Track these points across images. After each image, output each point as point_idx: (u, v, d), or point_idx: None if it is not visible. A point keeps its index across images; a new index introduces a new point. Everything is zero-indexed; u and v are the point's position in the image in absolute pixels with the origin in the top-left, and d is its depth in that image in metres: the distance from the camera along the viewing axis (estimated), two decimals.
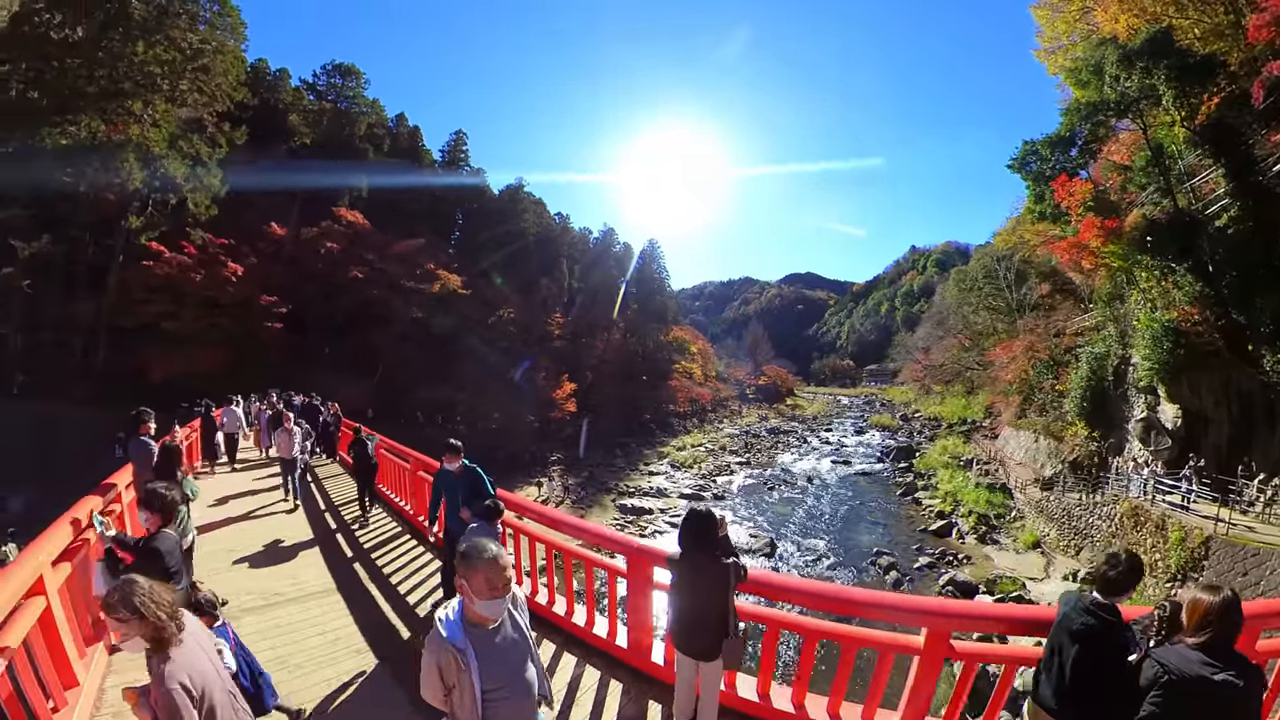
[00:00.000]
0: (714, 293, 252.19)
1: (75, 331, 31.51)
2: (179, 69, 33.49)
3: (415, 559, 7.90)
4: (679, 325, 77.86)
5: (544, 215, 59.37)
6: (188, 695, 2.27)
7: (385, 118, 53.64)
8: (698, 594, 3.53)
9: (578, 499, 34.73)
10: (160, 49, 32.38)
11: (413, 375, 39.85)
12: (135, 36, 31.65)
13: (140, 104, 32.34)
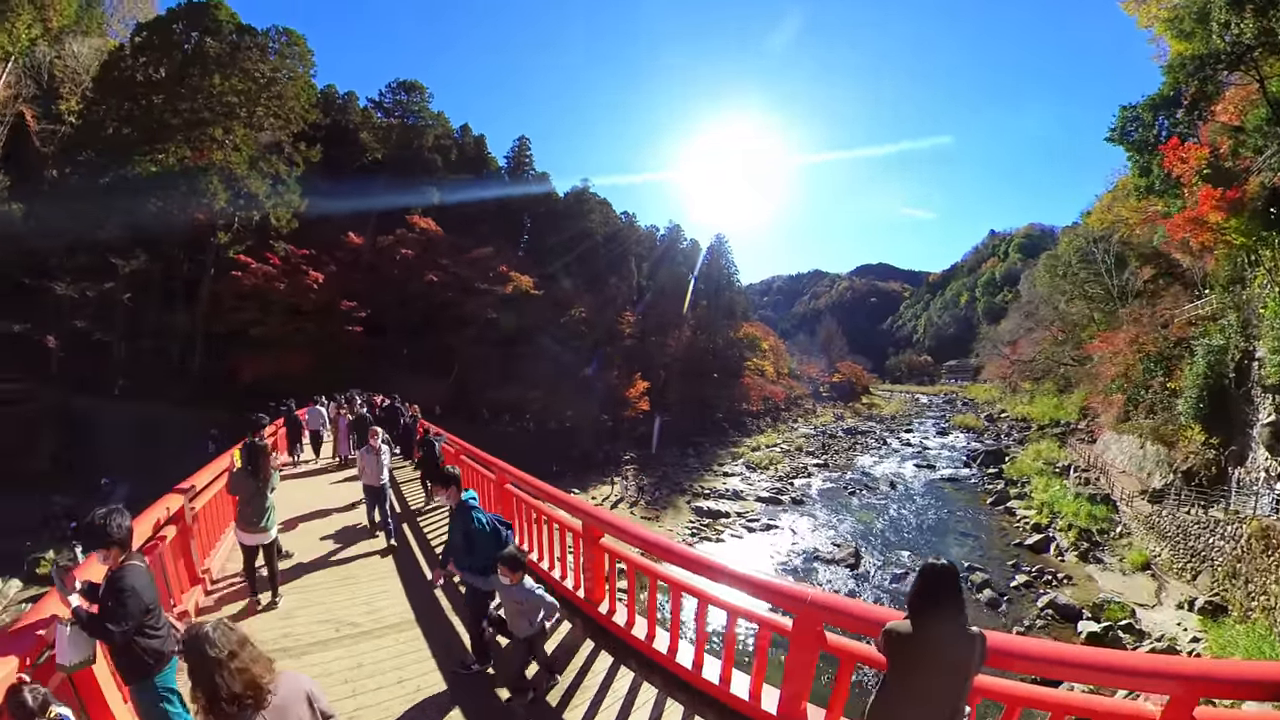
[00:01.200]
0: (782, 287, 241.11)
1: (173, 339, 33.72)
2: (254, 97, 35.51)
3: None
4: (749, 321, 75.33)
5: (610, 215, 58.69)
6: None
7: (450, 129, 54.73)
8: (934, 679, 2.61)
9: (652, 499, 33.55)
10: (235, 80, 34.44)
11: (487, 375, 40.03)
12: (212, 70, 33.81)
13: (221, 131, 34.41)
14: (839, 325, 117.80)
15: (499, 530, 4.98)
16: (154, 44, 34.36)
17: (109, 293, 30.63)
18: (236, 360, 32.89)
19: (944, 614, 2.59)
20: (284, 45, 37.06)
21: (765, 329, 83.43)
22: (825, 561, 23.56)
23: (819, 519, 29.42)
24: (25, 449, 24.19)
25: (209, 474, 7.05)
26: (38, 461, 24.40)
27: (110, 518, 3.33)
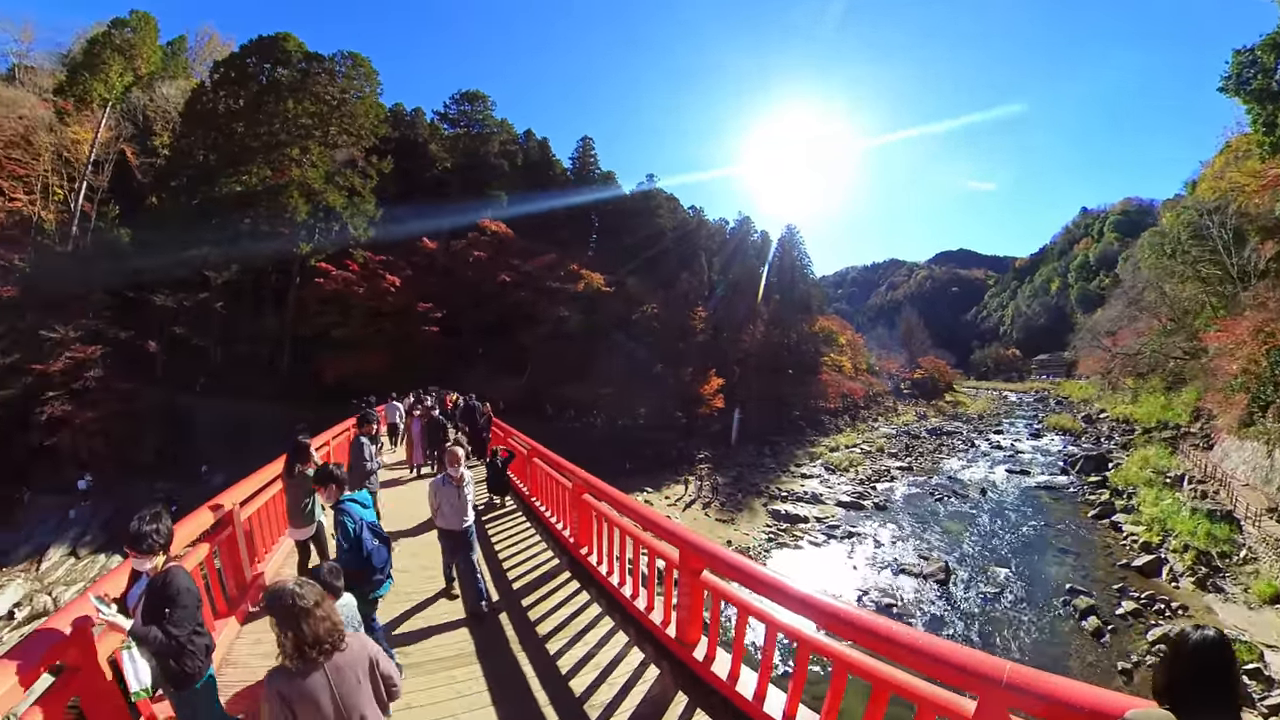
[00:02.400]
0: (857, 278, 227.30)
1: (263, 342, 35.81)
2: (326, 118, 37.37)
3: (580, 613, 5.97)
4: (824, 315, 71.90)
5: (678, 210, 57.70)
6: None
7: (515, 134, 55.62)
8: None
9: (726, 500, 31.87)
10: (308, 104, 36.38)
11: (560, 372, 39.57)
12: (285, 97, 35.90)
13: (298, 150, 36.22)
14: (919, 317, 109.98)
15: (363, 543, 4.32)
16: (231, 78, 36.97)
17: (204, 302, 32.95)
18: (321, 360, 34.44)
19: (1221, 708, 1.85)
20: (350, 68, 38.80)
21: (842, 323, 79.50)
22: (911, 575, 21.58)
23: (904, 527, 27.19)
24: (134, 442, 27.11)
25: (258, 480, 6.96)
26: (145, 453, 27.11)
27: (154, 522, 3.19)
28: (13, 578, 20.29)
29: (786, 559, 24.18)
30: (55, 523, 23.27)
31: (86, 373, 27.27)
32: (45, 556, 21.62)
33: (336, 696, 2.40)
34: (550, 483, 8.68)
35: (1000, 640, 16.84)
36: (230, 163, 35.20)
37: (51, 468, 25.27)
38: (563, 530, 7.84)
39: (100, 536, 22.89)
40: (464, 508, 6.14)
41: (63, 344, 27.12)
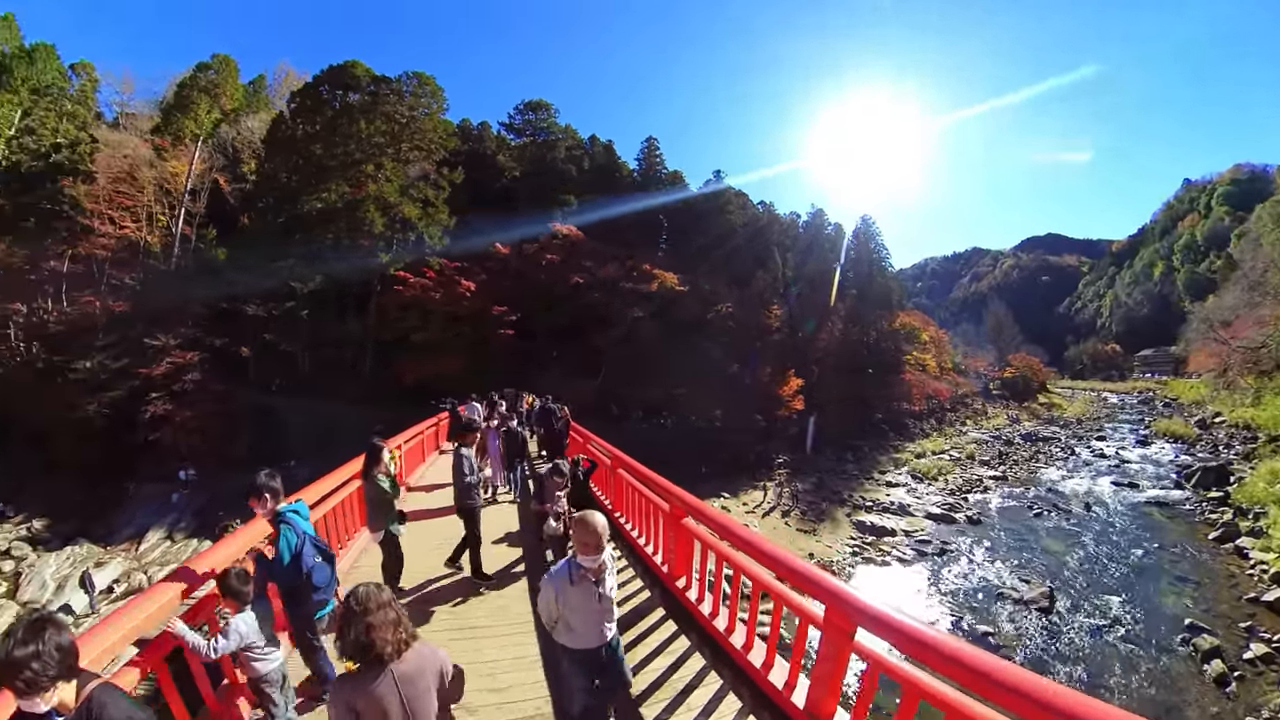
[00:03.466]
0: (937, 270, 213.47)
1: (346, 346, 37.33)
2: (397, 135, 38.83)
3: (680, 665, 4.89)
4: (905, 310, 67.87)
5: (748, 206, 56.07)
6: None
7: (580, 139, 55.66)
8: None
9: (807, 508, 29.87)
10: (379, 123, 37.94)
11: (635, 374, 38.77)
12: (357, 118, 37.61)
13: (372, 167, 37.68)
14: (1008, 310, 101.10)
15: (302, 559, 3.87)
16: (307, 106, 39.12)
17: (291, 311, 35.26)
18: (401, 363, 35.49)
19: None
20: (416, 87, 40.03)
21: (924, 318, 74.84)
22: (1010, 601, 19.10)
23: (1000, 545, 24.57)
24: (228, 438, 29.27)
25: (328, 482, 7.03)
26: (238, 448, 28.86)
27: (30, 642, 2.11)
28: (115, 556, 22.62)
29: (873, 577, 22.19)
30: (155, 509, 25.69)
31: (186, 376, 29.85)
32: (144, 539, 23.84)
33: (405, 705, 2.35)
34: (638, 499, 7.74)
35: (1110, 682, 14.58)
36: (311, 183, 37.15)
37: (155, 461, 27.84)
38: (654, 557, 6.86)
39: (193, 523, 24.95)
40: (606, 612, 3.59)
41: (165, 351, 29.93)
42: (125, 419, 27.96)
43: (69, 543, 23.23)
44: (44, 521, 24.70)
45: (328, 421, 29.91)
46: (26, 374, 29.95)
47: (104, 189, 35.15)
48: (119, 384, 28.67)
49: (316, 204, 36.60)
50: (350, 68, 38.71)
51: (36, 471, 27.01)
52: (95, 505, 25.74)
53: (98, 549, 23.19)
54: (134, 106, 47.88)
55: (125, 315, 31.46)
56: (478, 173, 46.58)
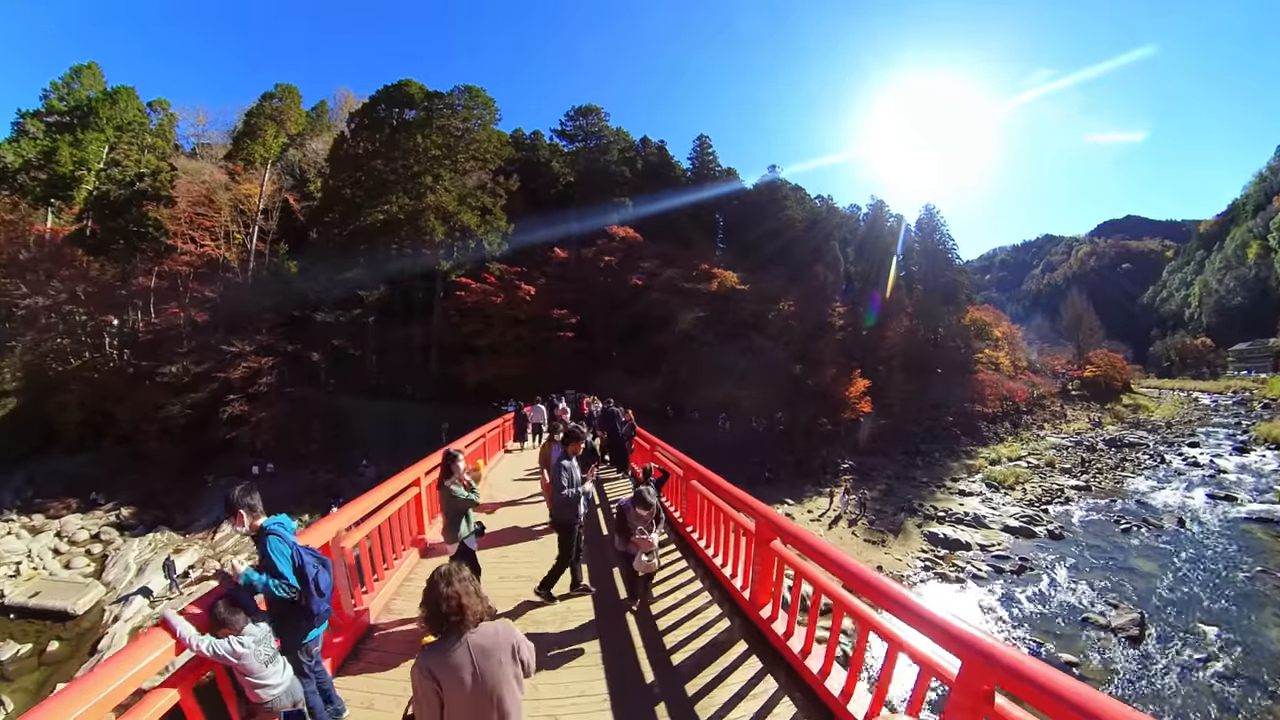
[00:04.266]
0: (1007, 260, 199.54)
1: (412, 349, 38.86)
2: (453, 147, 39.83)
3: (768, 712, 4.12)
4: (974, 305, 64.22)
5: (806, 201, 54.76)
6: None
7: (631, 141, 55.53)
8: None
9: (875, 517, 28.28)
10: (435, 136, 39.05)
11: (695, 374, 38.08)
12: (413, 133, 38.86)
13: (430, 179, 38.62)
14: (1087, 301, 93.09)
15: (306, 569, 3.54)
16: (366, 124, 40.73)
17: (358, 317, 37.80)
18: (464, 366, 36.51)
19: None
20: (468, 100, 40.96)
21: (995, 313, 70.69)
22: (1096, 627, 17.42)
23: (1085, 563, 22.67)
24: (300, 436, 31.06)
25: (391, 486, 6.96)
26: (309, 445, 30.96)
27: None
28: (192, 544, 24.26)
29: (946, 595, 20.59)
30: None
31: (261, 379, 31.78)
32: (220, 529, 25.01)
33: (478, 674, 2.51)
34: (715, 515, 6.87)
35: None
36: (373, 196, 38.45)
37: (232, 457, 29.83)
38: (734, 580, 6.00)
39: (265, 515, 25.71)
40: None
41: (242, 356, 31.91)
42: (205, 418, 30.15)
43: (151, 530, 25.14)
44: (130, 510, 26.90)
45: (395, 421, 31.35)
46: (119, 378, 32.71)
47: (184, 212, 37.89)
48: (200, 387, 31.03)
49: (379, 216, 37.78)
50: (404, 86, 39.93)
51: (126, 465, 29.55)
52: (177, 496, 27.85)
53: (177, 536, 24.87)
54: (209, 137, 51.67)
55: (206, 324, 34.24)
56: (534, 181, 47.18)
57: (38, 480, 28.95)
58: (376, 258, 37.48)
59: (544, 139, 55.55)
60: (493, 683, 2.53)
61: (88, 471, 29.33)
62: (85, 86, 40.68)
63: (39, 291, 34.01)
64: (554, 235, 43.28)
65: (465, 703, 2.50)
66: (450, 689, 2.47)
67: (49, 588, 20.24)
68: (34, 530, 25.10)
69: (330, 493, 26.64)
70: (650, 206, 46.99)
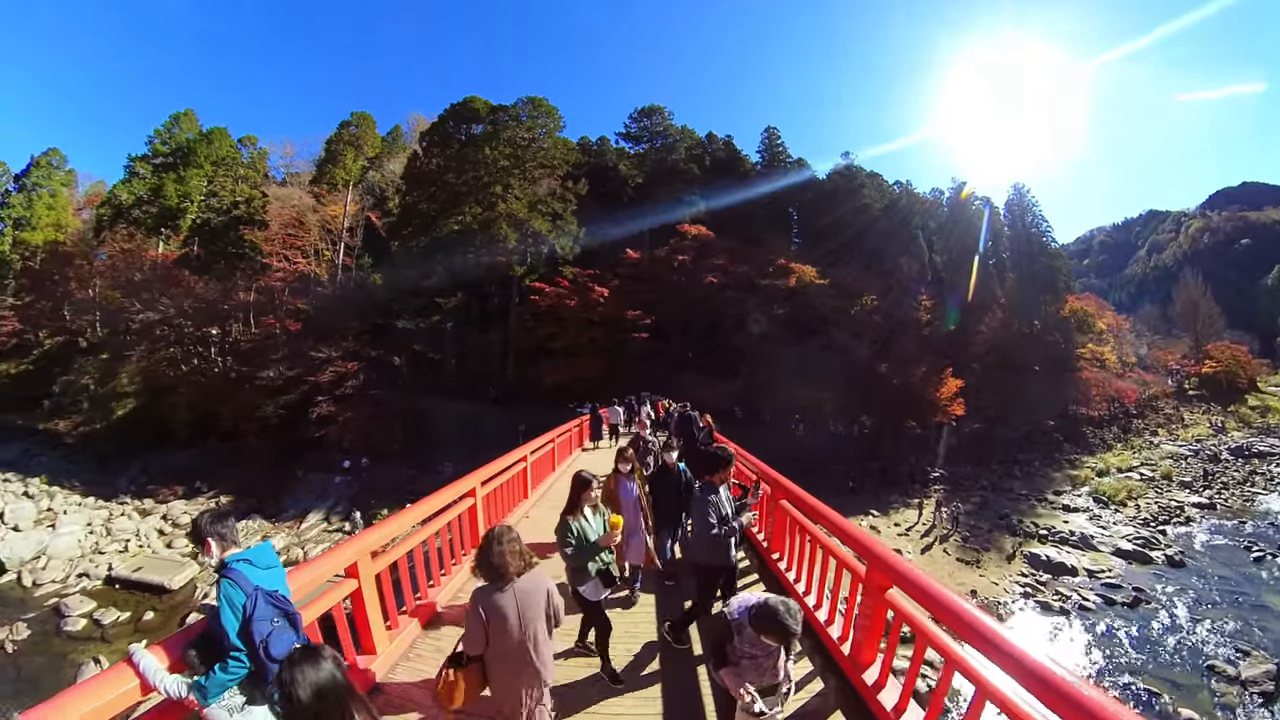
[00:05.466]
0: (1106, 242, 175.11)
1: (489, 353, 39.86)
2: (520, 156, 40.88)
3: None
4: (1073, 293, 58.59)
5: (883, 187, 52.18)
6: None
7: (697, 138, 54.74)
8: None
9: (969, 533, 25.68)
10: (502, 148, 40.22)
11: (774, 375, 36.40)
12: (481, 145, 40.30)
13: (501, 188, 39.58)
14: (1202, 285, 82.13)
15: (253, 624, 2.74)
16: (436, 141, 42.87)
17: (436, 323, 40.09)
18: (540, 368, 37.01)
19: None
20: (531, 110, 41.90)
21: (1097, 301, 64.13)
22: (1223, 678, 14.78)
23: (1209, 597, 19.58)
24: (385, 435, 32.77)
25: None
26: (391, 444, 32.61)
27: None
28: (280, 532, 25.98)
29: (1048, 627, 18.20)
30: (317, 494, 29.39)
31: (347, 383, 34.17)
32: (305, 519, 27.07)
33: (519, 611, 3.16)
34: (809, 547, 5.71)
35: None
36: (446, 208, 40.17)
37: (320, 454, 31.95)
38: (829, 629, 4.83)
39: (348, 508, 27.77)
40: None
41: (329, 361, 34.50)
42: (297, 418, 32.88)
43: (245, 517, 27.04)
44: (229, 498, 29.34)
45: (473, 422, 32.75)
46: (222, 382, 36.39)
47: (277, 233, 41.37)
48: (292, 389, 33.92)
49: (453, 226, 39.47)
50: (469, 102, 41.70)
51: (227, 459, 32.47)
52: (270, 488, 30.04)
53: (267, 524, 26.87)
54: (296, 166, 55.62)
55: (298, 333, 37.46)
56: (603, 185, 47.28)
57: (151, 470, 32.45)
58: (452, 266, 39.17)
59: (610, 144, 55.54)
60: (530, 620, 3.17)
61: (194, 464, 32.57)
62: (184, 130, 46.03)
63: (151, 308, 38.93)
64: (626, 236, 43.44)
65: (507, 634, 3.13)
66: (495, 623, 3.11)
67: (151, 564, 22.23)
68: (144, 513, 28.04)
69: (409, 490, 28.03)
70: (721, 202, 46.10)
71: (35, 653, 16.28)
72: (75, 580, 20.72)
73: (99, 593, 19.89)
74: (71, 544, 23.21)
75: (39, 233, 50.14)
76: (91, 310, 46.91)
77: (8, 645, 16.41)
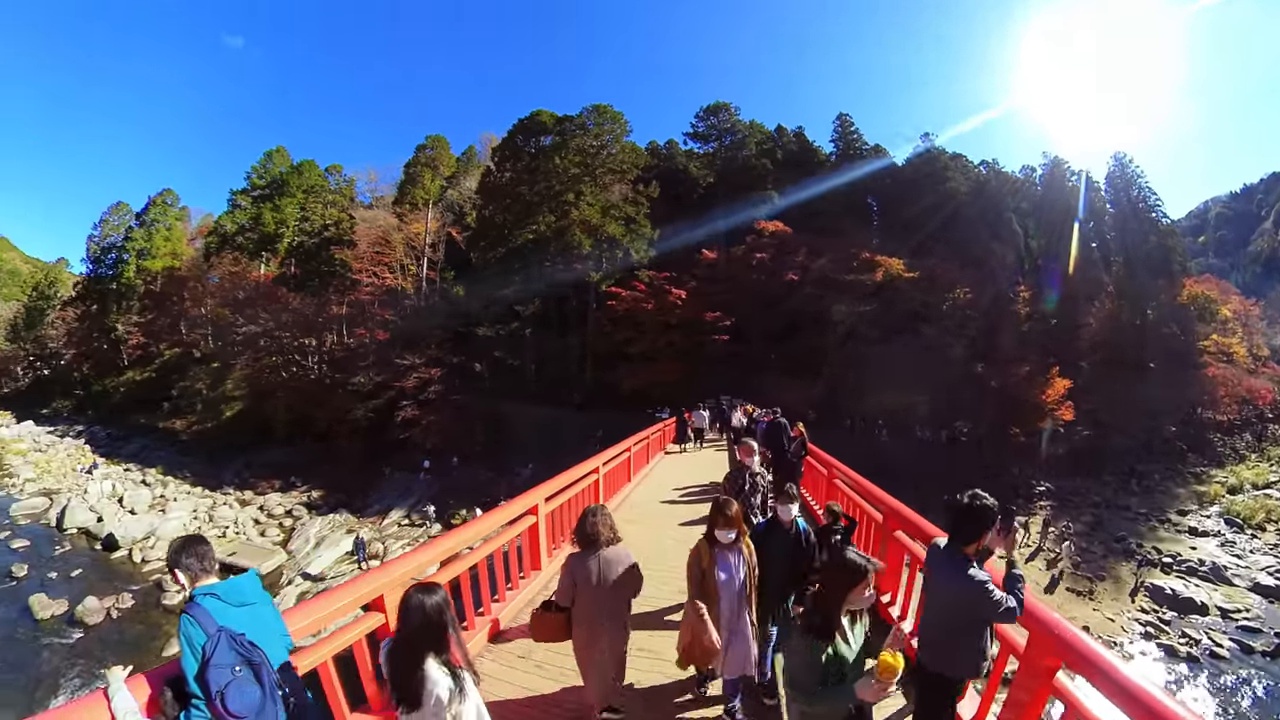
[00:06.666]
0: (1224, 214, 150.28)
1: (567, 358, 41.06)
2: (590, 164, 41.73)
3: None
4: (1190, 276, 51.85)
5: (968, 169, 49.00)
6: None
7: (767, 132, 53.52)
8: None
9: (1082, 559, 22.93)
10: (571, 156, 41.18)
11: (860, 377, 34.35)
12: (550, 156, 41.51)
13: (572, 195, 40.49)
14: None
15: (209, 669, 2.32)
16: (507, 155, 44.79)
17: (515, 330, 41.68)
18: (618, 372, 37.23)
19: None
20: (597, 118, 42.52)
21: (1220, 284, 56.44)
22: None
23: None
24: (467, 438, 34.20)
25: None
26: (474, 447, 33.95)
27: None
28: (363, 525, 27.12)
29: (1171, 675, 15.73)
30: (400, 492, 30.83)
31: (429, 388, 35.96)
32: (388, 515, 28.31)
33: (602, 575, 3.64)
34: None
35: None
36: (520, 219, 41.45)
37: (405, 454, 33.66)
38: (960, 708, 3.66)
39: (428, 506, 28.72)
40: None
41: (413, 368, 36.45)
42: (384, 420, 35.08)
43: (333, 511, 29.08)
44: (320, 493, 31.54)
45: (553, 426, 33.50)
46: (317, 387, 39.84)
47: (365, 252, 45.42)
48: (380, 394, 36.37)
49: (528, 236, 40.69)
50: (536, 116, 43.18)
51: (320, 457, 34.97)
52: (358, 484, 31.83)
53: (353, 518, 28.23)
54: (381, 190, 60.25)
55: (386, 342, 40.05)
56: (674, 188, 47.12)
57: (253, 465, 35.74)
58: (529, 274, 40.31)
59: (678, 146, 55.26)
60: (609, 585, 3.63)
61: (291, 460, 35.38)
62: (276, 165, 50.81)
63: (254, 322, 44.34)
64: (700, 237, 43.11)
65: (591, 593, 3.62)
66: (582, 582, 3.63)
67: (244, 549, 23.94)
68: (243, 503, 30.58)
69: (487, 492, 29.11)
70: (795, 197, 44.85)
71: (135, 621, 18.06)
72: None
73: None
74: (178, 527, 25.50)
75: (158, 260, 57.35)
76: (204, 325, 54.71)
77: (113, 612, 18.09)
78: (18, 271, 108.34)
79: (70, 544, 23.99)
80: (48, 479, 33.61)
